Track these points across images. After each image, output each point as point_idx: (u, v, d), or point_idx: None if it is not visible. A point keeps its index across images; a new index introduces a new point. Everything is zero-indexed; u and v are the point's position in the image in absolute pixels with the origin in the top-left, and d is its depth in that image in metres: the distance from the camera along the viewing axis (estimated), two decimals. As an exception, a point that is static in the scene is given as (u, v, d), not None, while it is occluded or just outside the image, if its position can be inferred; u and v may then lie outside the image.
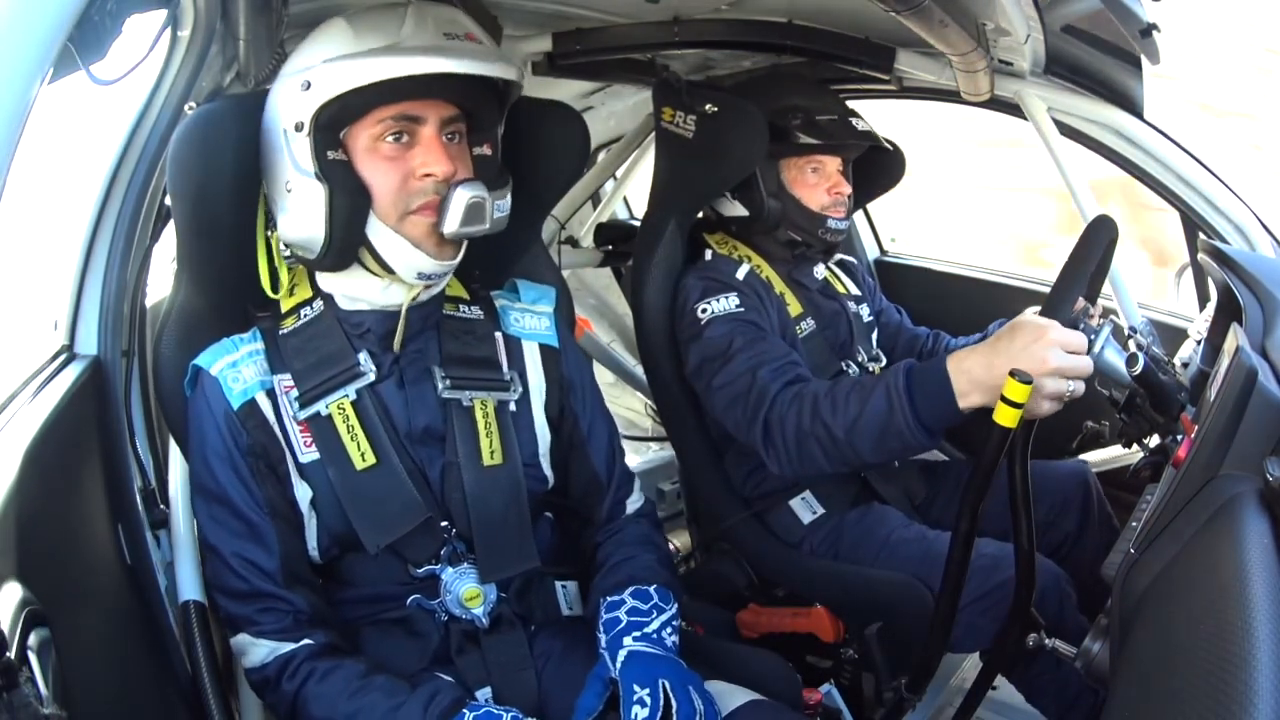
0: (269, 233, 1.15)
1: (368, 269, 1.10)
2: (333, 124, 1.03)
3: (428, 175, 1.05)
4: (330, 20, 1.08)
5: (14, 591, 0.73)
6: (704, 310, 1.56)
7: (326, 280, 1.15)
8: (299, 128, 1.02)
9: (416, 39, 1.03)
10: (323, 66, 1.02)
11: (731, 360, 1.48)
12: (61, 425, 0.98)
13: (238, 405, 1.09)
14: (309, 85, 1.02)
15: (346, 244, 1.06)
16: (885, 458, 1.30)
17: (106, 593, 1.04)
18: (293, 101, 1.03)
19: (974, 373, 1.13)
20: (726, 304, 1.55)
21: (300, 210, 1.05)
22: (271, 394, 1.11)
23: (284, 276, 1.17)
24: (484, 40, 1.09)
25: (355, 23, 1.05)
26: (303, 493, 1.11)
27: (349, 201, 1.04)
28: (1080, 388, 1.07)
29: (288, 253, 1.13)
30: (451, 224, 1.06)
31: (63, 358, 1.12)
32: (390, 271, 1.09)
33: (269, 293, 1.16)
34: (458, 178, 1.07)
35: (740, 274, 1.61)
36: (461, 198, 1.05)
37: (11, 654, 0.64)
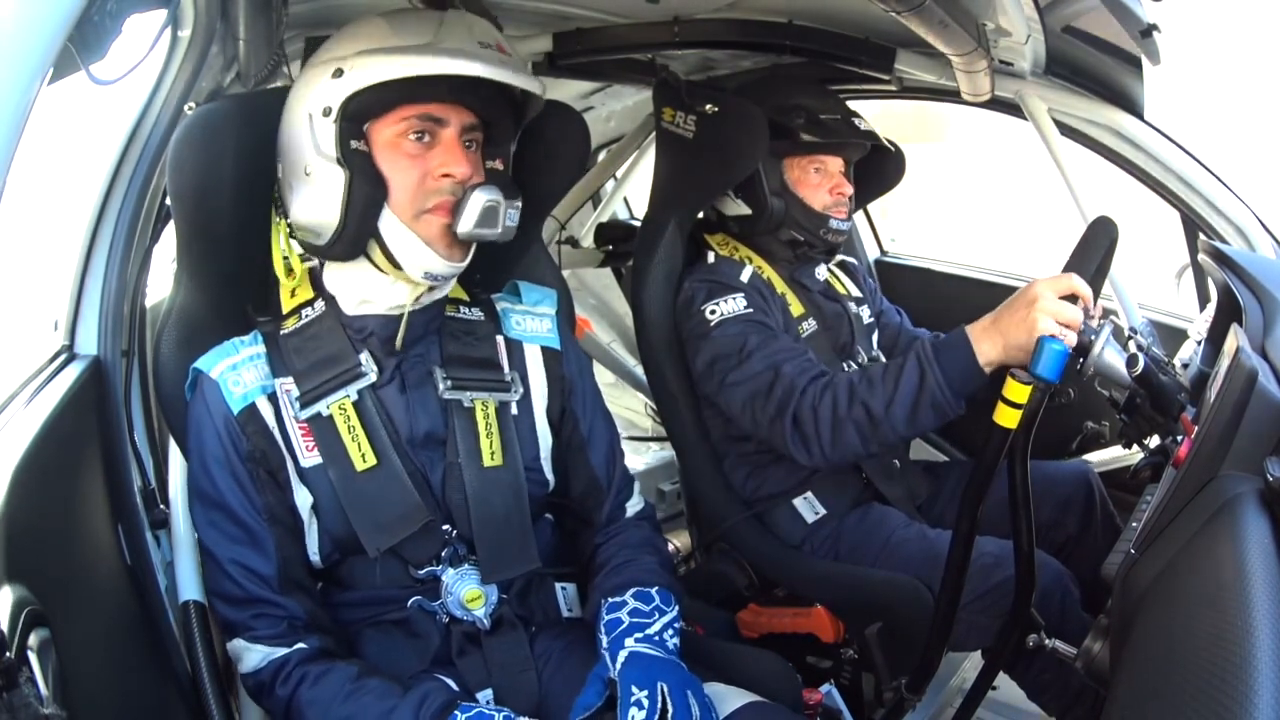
0: (282, 220, 1.14)
1: (375, 264, 1.10)
2: (358, 115, 1.05)
3: (446, 175, 1.07)
4: (368, 17, 1.10)
5: (14, 591, 0.73)
6: (712, 312, 1.56)
7: (331, 279, 1.14)
8: (326, 112, 1.04)
9: (451, 41, 1.05)
10: (357, 57, 1.03)
11: (749, 358, 1.49)
12: (61, 425, 0.98)
13: (238, 410, 1.09)
14: (341, 73, 1.03)
15: (359, 232, 1.07)
16: (918, 429, 1.35)
17: (106, 593, 1.04)
18: (322, 87, 1.04)
19: (986, 329, 1.25)
20: (735, 305, 1.56)
21: (317, 194, 1.06)
22: (273, 398, 1.11)
23: (296, 265, 1.15)
24: (512, 55, 1.10)
25: (393, 20, 1.07)
26: (303, 498, 1.11)
27: (367, 190, 1.05)
28: (1073, 338, 1.14)
29: (295, 244, 1.12)
30: (466, 224, 1.07)
31: (63, 358, 1.12)
32: (398, 268, 1.09)
33: (280, 275, 1.15)
34: (473, 181, 1.08)
35: (744, 276, 1.62)
36: (478, 200, 1.07)
37: (11, 654, 0.64)
